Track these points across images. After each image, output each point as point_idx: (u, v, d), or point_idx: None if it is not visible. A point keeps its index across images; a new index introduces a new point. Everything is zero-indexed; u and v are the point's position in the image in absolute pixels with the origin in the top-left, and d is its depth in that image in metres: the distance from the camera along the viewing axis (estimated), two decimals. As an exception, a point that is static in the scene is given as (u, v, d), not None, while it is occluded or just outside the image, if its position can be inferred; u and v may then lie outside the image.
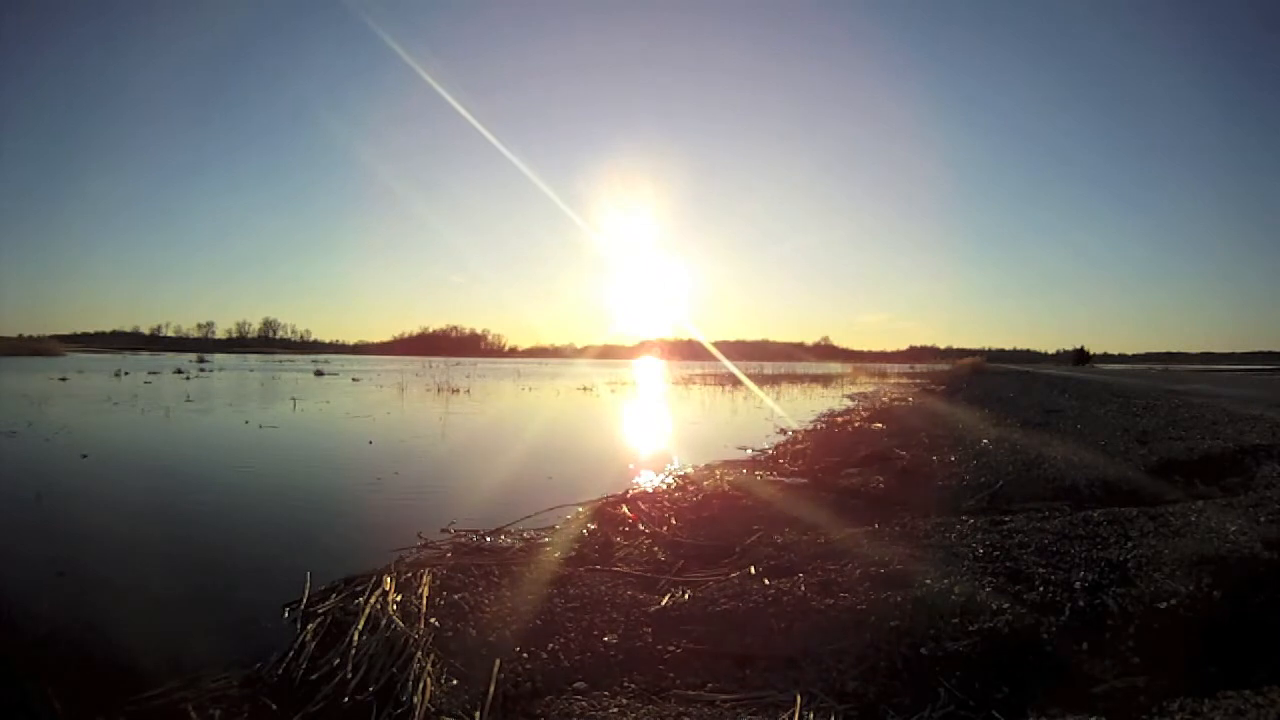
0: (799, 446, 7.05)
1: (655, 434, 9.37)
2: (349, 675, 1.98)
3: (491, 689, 1.84)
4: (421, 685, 1.86)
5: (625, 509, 3.85)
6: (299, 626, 2.36)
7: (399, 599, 2.39)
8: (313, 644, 2.20)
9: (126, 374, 21.54)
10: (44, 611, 2.60)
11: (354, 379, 21.92)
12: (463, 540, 3.45)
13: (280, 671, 2.09)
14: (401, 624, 2.20)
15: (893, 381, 26.40)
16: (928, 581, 2.25)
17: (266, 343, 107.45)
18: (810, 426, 9.47)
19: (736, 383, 23.62)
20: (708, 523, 3.63)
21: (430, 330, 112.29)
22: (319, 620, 2.35)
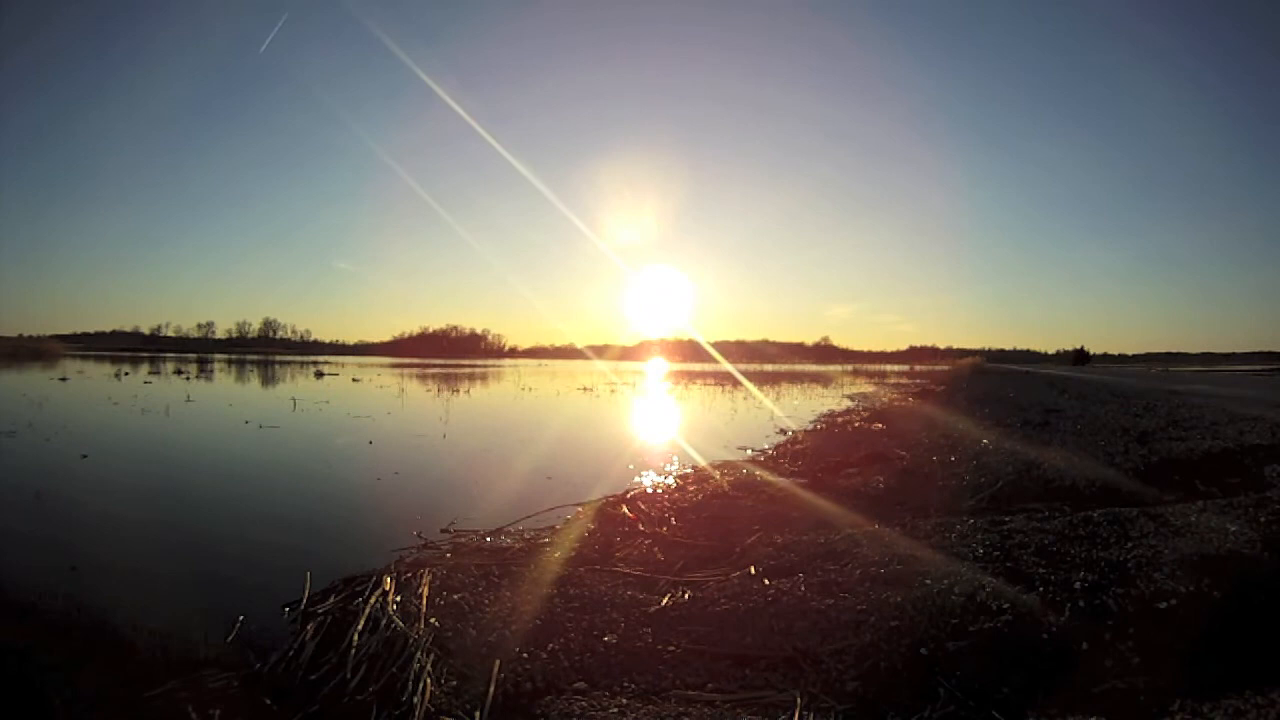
0: (799, 447, 7.05)
1: (655, 434, 9.37)
2: (349, 675, 1.98)
3: (491, 689, 1.84)
4: (421, 685, 1.86)
5: (625, 509, 3.84)
6: (299, 626, 2.37)
7: (399, 599, 2.39)
8: (313, 644, 2.20)
9: (127, 374, 21.55)
10: (44, 611, 2.60)
11: (354, 379, 21.92)
12: (463, 540, 3.45)
13: (280, 671, 2.09)
14: (401, 624, 2.20)
15: (892, 382, 26.40)
16: (928, 582, 2.25)
17: (266, 343, 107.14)
18: (810, 427, 9.47)
19: (737, 383, 23.64)
20: (708, 523, 3.63)
21: (430, 330, 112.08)
22: (319, 620, 2.35)
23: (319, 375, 24.71)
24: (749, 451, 7.02)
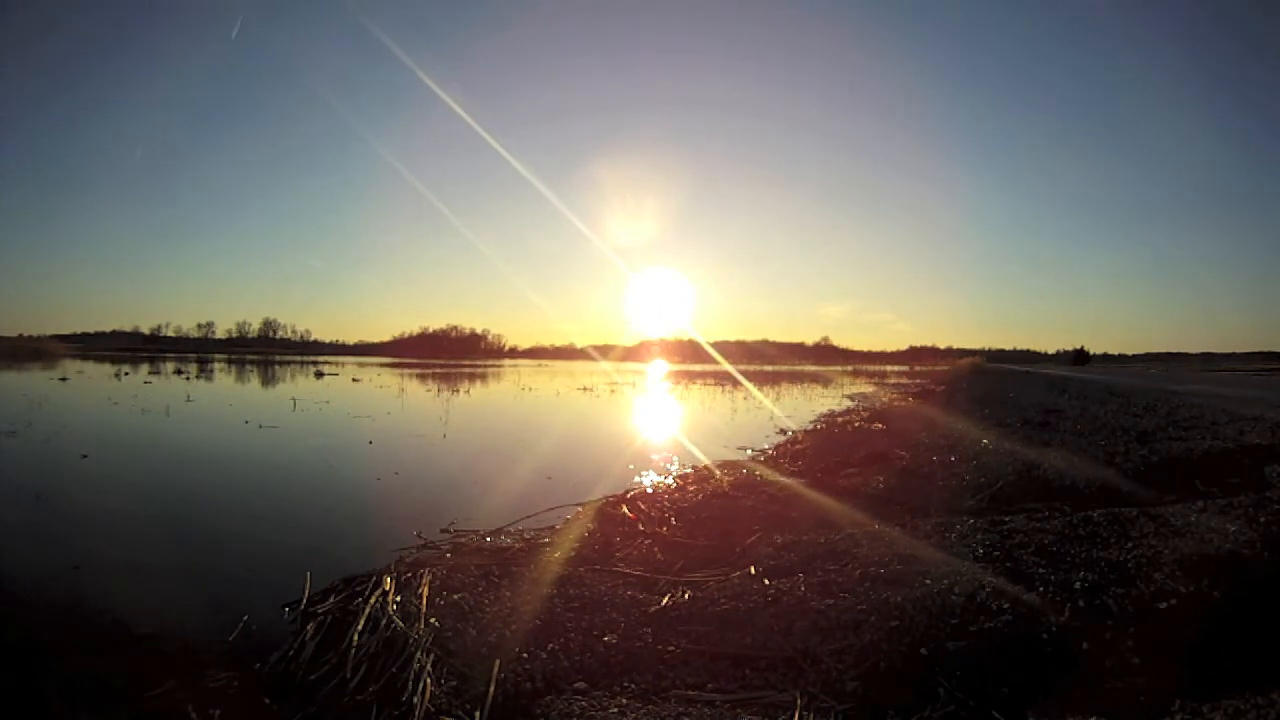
0: (799, 447, 7.05)
1: (655, 434, 9.37)
2: (349, 675, 1.98)
3: (491, 689, 1.84)
4: (421, 685, 1.86)
5: (625, 509, 3.85)
6: (299, 626, 2.37)
7: (399, 599, 2.39)
8: (313, 644, 2.20)
9: (127, 374, 21.55)
10: (45, 611, 2.60)
11: (354, 379, 21.92)
12: (463, 540, 3.45)
13: (280, 671, 2.09)
14: (401, 624, 2.20)
15: (892, 382, 26.41)
16: (928, 582, 2.25)
17: (266, 343, 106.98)
18: (810, 427, 9.47)
19: (736, 383, 23.66)
20: (708, 523, 3.63)
21: (430, 330, 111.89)
22: (319, 620, 2.35)
23: (319, 375, 24.71)
24: (749, 451, 7.02)
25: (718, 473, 5.04)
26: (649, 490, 4.66)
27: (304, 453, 6.85)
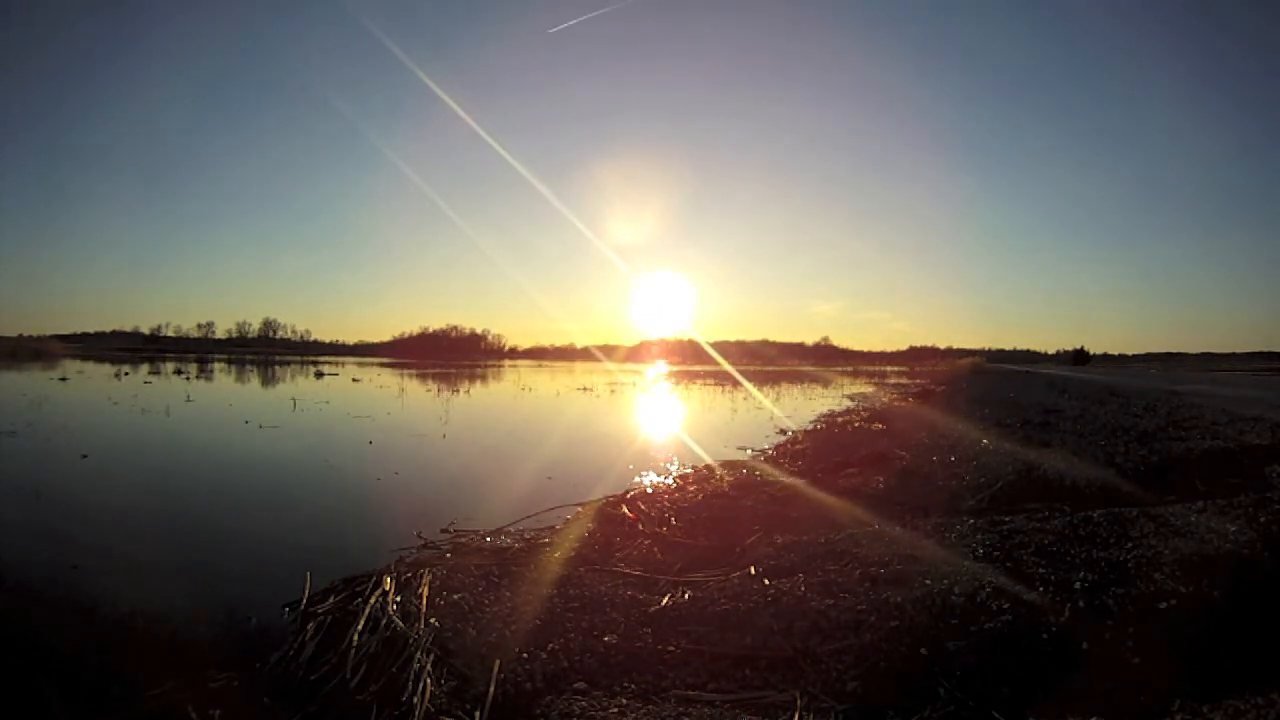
0: (799, 447, 7.05)
1: (655, 434, 9.37)
2: (349, 675, 1.98)
3: (491, 689, 1.84)
4: (421, 685, 1.86)
5: (625, 509, 3.84)
6: (299, 626, 2.37)
7: (399, 599, 2.39)
8: (313, 644, 2.20)
9: (127, 374, 21.55)
10: (45, 610, 2.60)
11: (354, 379, 21.93)
12: (463, 540, 3.45)
13: (280, 671, 2.09)
14: (401, 624, 2.20)
15: (892, 382, 26.40)
16: (928, 582, 2.25)
17: (266, 343, 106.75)
18: (810, 427, 9.47)
19: (736, 384, 23.68)
20: (708, 523, 3.63)
21: (430, 330, 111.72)
22: (319, 620, 2.35)
23: (319, 375, 24.71)
24: (749, 451, 7.02)
25: (718, 472, 5.05)
26: (649, 490, 4.66)
27: (304, 452, 6.85)
